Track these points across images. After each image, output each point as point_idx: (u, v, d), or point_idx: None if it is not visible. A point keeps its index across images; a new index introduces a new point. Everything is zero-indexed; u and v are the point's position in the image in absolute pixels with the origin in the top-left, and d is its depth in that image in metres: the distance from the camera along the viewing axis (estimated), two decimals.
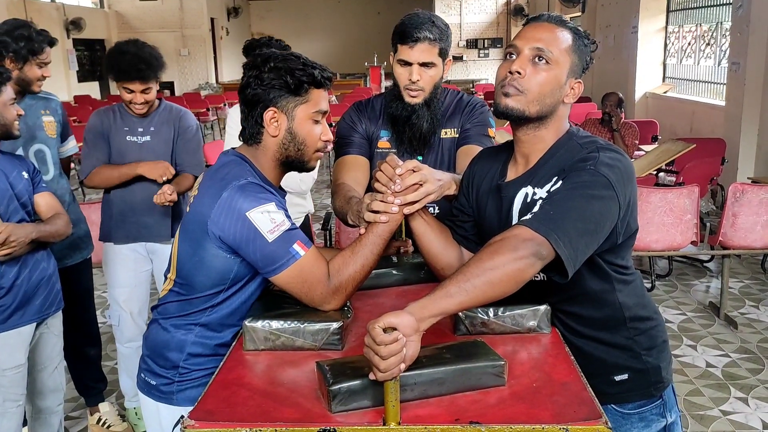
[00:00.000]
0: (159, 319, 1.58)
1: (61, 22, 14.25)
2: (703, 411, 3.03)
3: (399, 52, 1.91)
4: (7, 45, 2.37)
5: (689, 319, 4.05)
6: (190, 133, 2.78)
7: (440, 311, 1.15)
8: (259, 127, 1.50)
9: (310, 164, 1.57)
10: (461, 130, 2.01)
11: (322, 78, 1.49)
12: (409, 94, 1.92)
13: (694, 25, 8.83)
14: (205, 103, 12.29)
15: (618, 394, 1.45)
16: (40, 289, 2.26)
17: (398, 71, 1.93)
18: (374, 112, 2.07)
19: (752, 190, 3.90)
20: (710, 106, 7.76)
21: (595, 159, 1.30)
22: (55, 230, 2.26)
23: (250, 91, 1.49)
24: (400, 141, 2.00)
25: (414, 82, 1.89)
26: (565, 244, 1.20)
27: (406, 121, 1.94)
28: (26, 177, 2.25)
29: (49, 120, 2.58)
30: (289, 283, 1.42)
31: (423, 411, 1.12)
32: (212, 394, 1.20)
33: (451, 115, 2.02)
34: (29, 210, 2.25)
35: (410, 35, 1.86)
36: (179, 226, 1.57)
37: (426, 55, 1.87)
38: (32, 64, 2.43)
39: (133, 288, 2.81)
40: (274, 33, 5.45)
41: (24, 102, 2.50)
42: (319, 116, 1.52)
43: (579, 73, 1.40)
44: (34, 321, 2.28)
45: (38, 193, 2.29)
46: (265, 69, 1.46)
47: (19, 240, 2.11)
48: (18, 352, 2.24)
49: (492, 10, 18.97)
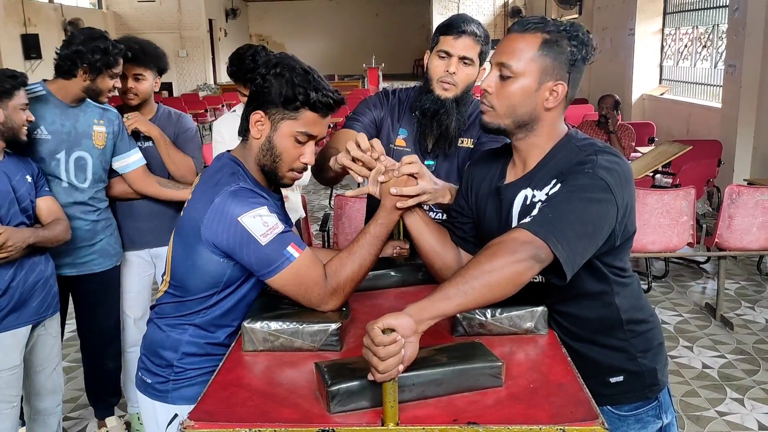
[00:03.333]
0: (155, 319, 1.60)
1: (59, 23, 14.22)
2: (699, 412, 3.04)
3: (441, 43, 1.88)
4: (82, 56, 2.34)
5: (685, 320, 4.06)
6: (190, 134, 2.78)
7: (439, 313, 1.16)
8: (248, 124, 1.52)
9: (284, 180, 1.55)
10: (477, 142, 1.98)
11: (318, 102, 1.45)
12: (443, 87, 1.88)
13: (691, 27, 8.86)
14: (203, 104, 12.28)
15: (613, 395, 1.46)
16: (36, 291, 2.26)
17: (435, 63, 1.90)
18: (398, 106, 2.04)
19: (748, 192, 3.92)
20: (706, 108, 7.78)
21: (594, 162, 1.31)
22: (54, 236, 2.26)
23: (253, 87, 1.51)
24: (421, 136, 1.97)
25: (451, 73, 1.86)
26: (563, 247, 1.21)
27: (434, 115, 1.90)
28: (30, 180, 2.25)
29: (101, 130, 2.52)
30: (285, 285, 1.43)
31: (421, 412, 1.13)
32: (211, 394, 1.21)
33: (471, 124, 1.99)
34: (29, 214, 2.25)
35: (458, 26, 1.86)
36: (174, 229, 1.58)
37: (468, 50, 1.86)
38: (105, 76, 2.40)
39: (137, 293, 2.82)
40: (272, 34, 5.40)
41: (80, 107, 2.48)
42: (304, 138, 1.49)
43: (559, 74, 1.35)
44: (29, 323, 2.28)
45: (41, 196, 2.29)
46: (271, 72, 1.47)
47: (16, 245, 2.11)
48: (13, 354, 2.24)
49: (489, 12, 19.00)
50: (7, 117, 2.15)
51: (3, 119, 2.15)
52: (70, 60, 2.36)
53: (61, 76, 2.41)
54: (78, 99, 2.46)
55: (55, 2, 14.41)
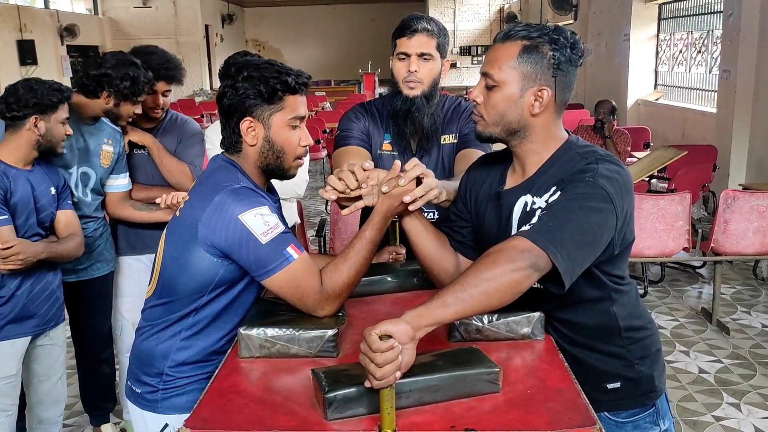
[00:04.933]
0: (144, 327, 1.58)
1: (55, 29, 14.21)
2: (696, 417, 3.04)
3: (398, 46, 1.94)
4: (110, 81, 2.32)
5: (682, 325, 4.06)
6: (193, 140, 2.73)
7: (436, 320, 1.16)
8: (238, 137, 1.51)
9: (291, 172, 1.57)
10: (460, 135, 2.02)
11: (296, 84, 1.48)
12: (408, 86, 1.93)
13: (686, 32, 8.90)
14: (199, 109, 12.28)
15: (610, 401, 1.45)
16: (41, 302, 2.24)
17: (397, 66, 1.95)
18: (377, 113, 2.08)
19: (743, 197, 3.93)
20: (701, 113, 7.81)
21: (594, 171, 1.31)
22: (66, 252, 2.25)
23: (226, 101, 1.49)
24: (401, 138, 2.00)
25: (412, 72, 1.91)
26: (562, 257, 1.21)
27: (407, 114, 1.94)
28: (53, 193, 2.24)
29: (108, 150, 2.51)
30: (282, 287, 1.42)
31: (419, 418, 1.13)
32: (208, 402, 1.20)
33: (450, 120, 2.03)
34: (46, 226, 2.24)
35: (409, 26, 1.91)
36: (165, 230, 1.57)
37: (424, 46, 1.91)
38: (128, 103, 2.38)
39: (136, 298, 2.79)
40: (268, 40, 5.39)
41: (95, 126, 2.47)
42: (296, 122, 1.52)
43: (543, 80, 1.34)
44: (29, 335, 2.26)
45: (62, 209, 2.28)
46: (239, 78, 1.46)
47: (27, 259, 2.10)
48: (10, 363, 2.22)
49: (485, 18, 19.09)
50: (48, 130, 2.16)
51: (44, 131, 2.15)
52: (96, 81, 2.34)
53: (85, 94, 2.39)
54: (95, 118, 2.46)
55: (51, 8, 14.41)
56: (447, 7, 19.11)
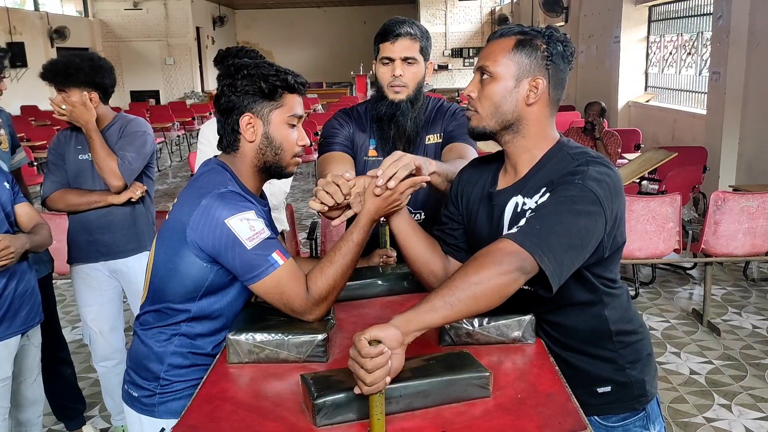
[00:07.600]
0: (138, 331, 1.58)
1: (45, 31, 14.15)
2: (687, 418, 3.05)
3: (381, 51, 1.95)
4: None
5: (673, 326, 4.08)
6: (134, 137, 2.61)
7: (425, 325, 1.15)
8: (236, 134, 1.51)
9: (288, 170, 1.57)
10: (444, 134, 2.03)
11: (295, 83, 1.51)
12: (393, 91, 1.94)
13: (676, 34, 8.95)
14: (190, 111, 12.25)
15: (601, 406, 1.45)
16: (25, 300, 2.24)
17: (381, 71, 1.96)
18: (361, 118, 2.08)
19: (733, 198, 3.95)
20: (691, 115, 7.85)
21: (584, 173, 1.31)
22: (43, 241, 2.26)
23: (224, 99, 1.50)
24: (384, 142, 2.01)
25: (397, 76, 1.92)
26: (549, 260, 1.21)
27: (391, 118, 1.95)
28: (8, 187, 2.23)
29: (2, 133, 2.50)
30: (268, 293, 1.42)
31: (409, 424, 1.12)
32: (196, 408, 1.19)
33: (434, 120, 2.05)
34: (11, 221, 2.22)
35: (392, 31, 1.92)
36: (156, 234, 1.56)
37: (408, 50, 1.92)
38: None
39: (100, 306, 2.75)
40: (260, 42, 5.32)
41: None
42: (294, 120, 1.53)
43: (537, 70, 1.37)
44: (19, 332, 2.25)
45: (18, 203, 2.27)
46: (238, 77, 1.48)
47: (17, 251, 2.09)
48: (6, 365, 2.21)
49: (476, 20, 19.13)
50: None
51: None
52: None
53: None
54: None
55: (41, 10, 14.34)
56: (438, 9, 19.15)
